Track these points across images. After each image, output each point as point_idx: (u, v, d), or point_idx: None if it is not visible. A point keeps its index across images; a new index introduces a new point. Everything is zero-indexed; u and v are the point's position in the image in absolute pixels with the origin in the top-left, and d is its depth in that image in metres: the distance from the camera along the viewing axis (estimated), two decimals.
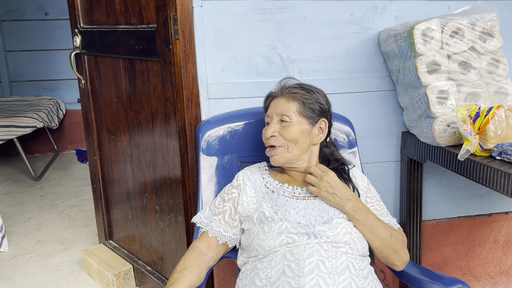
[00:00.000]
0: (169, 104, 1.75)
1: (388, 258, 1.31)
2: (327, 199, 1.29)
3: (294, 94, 1.36)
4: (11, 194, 3.53)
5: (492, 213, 2.03)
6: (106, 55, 2.08)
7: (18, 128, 3.69)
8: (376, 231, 1.27)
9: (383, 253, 1.30)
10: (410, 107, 1.67)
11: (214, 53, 1.65)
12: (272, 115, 1.37)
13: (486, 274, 2.08)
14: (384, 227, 1.29)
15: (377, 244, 1.28)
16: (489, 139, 1.36)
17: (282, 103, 1.36)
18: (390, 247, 1.29)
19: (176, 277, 1.22)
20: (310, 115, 1.35)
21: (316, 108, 1.36)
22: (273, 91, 1.43)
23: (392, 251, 1.30)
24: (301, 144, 1.34)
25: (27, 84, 4.69)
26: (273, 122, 1.36)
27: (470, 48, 1.52)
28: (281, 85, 1.41)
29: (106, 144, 2.28)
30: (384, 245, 1.28)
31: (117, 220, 2.35)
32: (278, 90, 1.41)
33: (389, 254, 1.30)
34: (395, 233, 1.31)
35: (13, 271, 2.45)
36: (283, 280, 1.16)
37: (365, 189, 1.39)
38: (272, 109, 1.38)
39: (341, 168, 1.39)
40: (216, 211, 1.37)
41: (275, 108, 1.37)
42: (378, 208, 1.38)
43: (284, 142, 1.33)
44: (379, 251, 1.30)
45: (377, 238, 1.28)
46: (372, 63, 1.76)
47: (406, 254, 1.33)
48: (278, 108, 1.36)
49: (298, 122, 1.34)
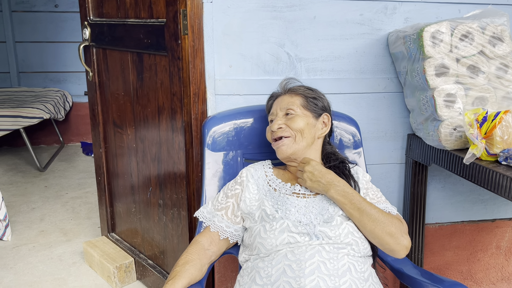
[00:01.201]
0: (175, 99, 1.75)
1: (384, 243, 1.24)
2: (312, 188, 1.30)
3: (297, 89, 1.44)
4: (15, 184, 3.55)
5: (495, 218, 2.02)
6: (114, 48, 2.08)
7: (25, 118, 3.71)
8: (366, 213, 1.23)
9: (377, 237, 1.24)
10: (416, 110, 1.67)
11: (223, 49, 1.65)
12: (276, 111, 1.41)
13: (487, 279, 2.08)
14: (375, 209, 1.25)
15: (368, 226, 1.24)
16: (495, 143, 1.35)
17: (286, 99, 1.42)
18: (383, 230, 1.23)
19: (178, 271, 1.23)
20: (313, 108, 1.40)
21: (319, 103, 1.42)
22: (276, 92, 1.49)
23: (386, 234, 1.23)
24: (307, 135, 1.36)
25: (35, 75, 4.71)
26: (278, 116, 1.40)
27: (479, 52, 1.51)
28: (283, 85, 1.48)
29: (111, 137, 2.29)
30: (376, 227, 1.23)
31: (120, 213, 2.36)
32: (281, 89, 1.47)
33: (384, 237, 1.23)
34: (389, 217, 1.26)
35: (16, 260, 2.46)
36: (284, 280, 1.16)
37: (365, 183, 1.39)
38: (276, 106, 1.42)
39: (342, 165, 1.39)
40: (219, 206, 1.37)
41: (279, 104, 1.42)
42: (374, 197, 1.36)
43: (292, 133, 1.36)
44: (373, 236, 1.24)
45: (368, 221, 1.23)
46: (380, 64, 1.76)
47: (405, 239, 1.25)
48: (282, 103, 1.41)
49: (303, 114, 1.38)
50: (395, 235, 1.24)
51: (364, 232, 1.26)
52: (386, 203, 1.36)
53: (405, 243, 1.25)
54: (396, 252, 1.26)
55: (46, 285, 2.24)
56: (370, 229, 1.24)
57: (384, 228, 1.24)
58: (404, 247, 1.25)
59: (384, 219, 1.24)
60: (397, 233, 1.24)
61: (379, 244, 1.27)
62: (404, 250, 1.26)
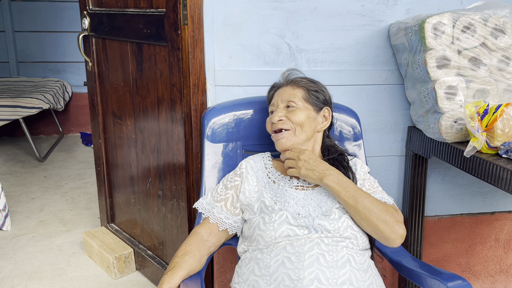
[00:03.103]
0: (175, 90, 1.74)
1: (378, 231, 1.23)
2: (307, 176, 1.28)
3: (299, 81, 1.42)
4: (15, 174, 3.55)
5: (494, 211, 2.02)
6: (114, 38, 2.07)
7: (24, 108, 3.70)
8: (360, 201, 1.22)
9: (371, 225, 1.22)
10: (417, 102, 1.66)
11: (223, 40, 1.64)
12: (277, 103, 1.40)
13: (485, 272, 2.08)
14: (369, 197, 1.24)
15: (363, 215, 1.22)
16: (496, 136, 1.35)
17: (287, 91, 1.40)
18: (377, 218, 1.21)
19: (177, 262, 1.23)
20: (315, 102, 1.39)
21: (320, 96, 1.41)
22: (278, 82, 1.47)
23: (381, 222, 1.22)
24: (307, 129, 1.36)
25: (34, 65, 4.69)
26: (279, 108, 1.39)
27: (481, 44, 1.50)
28: (286, 76, 1.46)
29: (111, 128, 2.28)
30: (370, 214, 1.21)
31: (120, 203, 2.36)
32: (283, 80, 1.45)
33: (378, 225, 1.22)
34: (384, 205, 1.25)
35: (15, 250, 2.47)
36: (282, 271, 1.16)
37: (362, 175, 1.38)
38: (277, 97, 1.41)
39: (341, 157, 1.39)
40: (218, 198, 1.37)
41: (280, 96, 1.40)
42: (370, 188, 1.35)
43: (292, 126, 1.35)
44: (368, 224, 1.23)
45: (362, 209, 1.22)
46: (381, 56, 1.75)
47: (400, 228, 1.23)
48: (284, 95, 1.39)
49: (304, 107, 1.37)
50: (390, 223, 1.22)
51: (358, 220, 1.24)
52: (383, 193, 1.35)
53: (400, 231, 1.23)
54: (391, 241, 1.24)
55: (46, 274, 2.24)
56: (365, 217, 1.22)
57: (379, 216, 1.22)
58: (399, 235, 1.23)
59: (378, 207, 1.23)
60: (392, 221, 1.23)
61: (374, 232, 1.24)
62: (399, 238, 1.24)
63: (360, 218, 1.24)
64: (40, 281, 2.19)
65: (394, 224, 1.23)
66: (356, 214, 1.24)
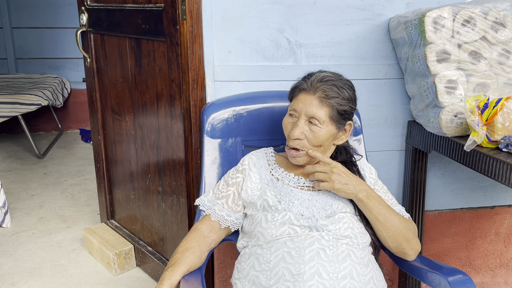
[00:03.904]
0: (174, 85, 1.74)
1: (400, 248, 1.28)
2: (341, 191, 1.24)
3: (331, 98, 1.25)
4: (14, 171, 3.54)
5: (495, 205, 2.02)
6: (112, 33, 2.06)
7: (23, 105, 3.69)
8: (389, 219, 1.25)
9: (395, 242, 1.27)
10: (417, 96, 1.65)
11: (222, 35, 1.63)
12: (301, 113, 1.27)
13: (486, 266, 2.08)
14: (396, 215, 1.27)
15: (390, 232, 1.26)
16: (496, 130, 1.34)
17: (314, 104, 1.26)
18: (402, 236, 1.26)
19: (177, 258, 1.22)
20: (340, 120, 1.29)
21: (348, 111, 1.30)
22: (304, 84, 1.29)
23: (404, 240, 1.27)
24: (324, 148, 1.31)
25: (32, 62, 4.67)
26: (300, 121, 1.27)
27: (481, 38, 1.50)
28: (316, 82, 1.27)
29: (110, 124, 2.27)
30: (398, 233, 1.26)
31: (119, 200, 2.36)
32: (311, 86, 1.27)
33: (402, 242, 1.27)
34: (406, 222, 1.29)
35: (15, 247, 2.47)
36: (283, 266, 1.15)
37: (373, 181, 1.38)
38: (302, 107, 1.27)
39: (350, 160, 1.38)
40: (220, 195, 1.36)
41: (306, 106, 1.26)
42: (387, 199, 1.36)
43: (308, 147, 1.28)
44: (392, 240, 1.27)
45: (391, 226, 1.25)
46: (380, 50, 1.74)
47: (418, 244, 1.31)
48: (310, 109, 1.26)
49: (327, 128, 1.27)
50: (411, 241, 1.29)
51: (383, 236, 1.27)
52: (398, 205, 1.38)
53: (418, 248, 1.31)
54: (409, 256, 1.32)
55: (46, 271, 2.24)
56: (392, 234, 1.26)
57: (404, 234, 1.27)
58: (416, 251, 1.32)
59: (403, 224, 1.27)
60: (413, 238, 1.29)
61: (395, 247, 1.29)
62: (416, 254, 1.32)
63: (387, 234, 1.26)
64: (41, 278, 2.19)
65: (414, 241, 1.30)
66: (383, 230, 1.26)
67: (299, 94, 1.30)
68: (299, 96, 1.30)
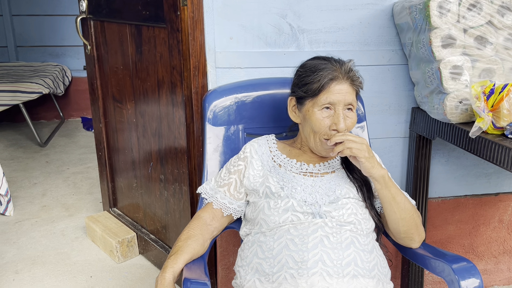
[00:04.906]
0: (175, 73, 1.72)
1: (409, 232, 1.27)
2: (367, 162, 1.19)
3: (355, 80, 1.26)
4: (16, 160, 3.54)
5: (499, 192, 2.00)
6: (112, 20, 2.03)
7: (24, 93, 3.68)
8: (404, 200, 1.24)
9: (406, 225, 1.25)
10: (421, 82, 1.63)
11: (223, 21, 1.61)
12: (339, 103, 1.23)
13: (489, 253, 2.08)
14: (407, 198, 1.27)
15: (404, 214, 1.23)
16: (502, 116, 1.32)
17: (350, 92, 1.25)
18: (413, 220, 1.25)
19: (180, 246, 1.22)
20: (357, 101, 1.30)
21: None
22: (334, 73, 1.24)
23: (414, 225, 1.26)
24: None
25: (33, 50, 4.65)
26: (340, 112, 1.23)
27: (487, 23, 1.47)
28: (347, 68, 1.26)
29: (111, 112, 2.26)
30: (410, 217, 1.24)
31: (122, 188, 2.36)
32: (344, 73, 1.25)
33: (412, 227, 1.26)
34: (415, 208, 1.28)
35: (18, 235, 2.47)
36: (286, 253, 1.15)
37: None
38: (340, 98, 1.23)
39: None
40: (222, 182, 1.36)
41: (343, 96, 1.23)
42: None
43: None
44: (403, 223, 1.24)
45: (405, 208, 1.23)
46: (384, 36, 1.71)
47: (423, 231, 1.30)
48: (347, 97, 1.24)
49: (355, 112, 1.28)
50: (419, 227, 1.28)
51: (394, 218, 1.24)
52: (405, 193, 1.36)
53: (423, 235, 1.31)
54: (414, 243, 1.30)
55: (50, 259, 2.25)
56: (403, 217, 1.24)
57: (414, 219, 1.26)
58: (422, 239, 1.31)
59: (414, 209, 1.27)
60: (420, 225, 1.29)
61: (404, 231, 1.26)
62: (421, 242, 1.31)
63: (400, 216, 1.24)
64: (44, 266, 2.20)
65: (421, 228, 1.29)
66: (397, 211, 1.23)
67: (329, 84, 1.23)
68: (330, 87, 1.23)
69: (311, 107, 1.26)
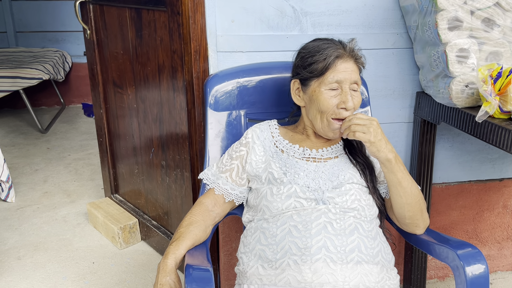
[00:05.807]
0: (176, 57, 1.69)
1: (414, 218, 1.25)
2: (374, 145, 1.16)
3: (359, 60, 1.27)
4: (18, 146, 3.53)
5: (503, 178, 1.99)
6: (112, 4, 2.00)
7: (24, 79, 3.65)
8: (411, 185, 1.22)
9: (412, 210, 1.23)
10: (427, 66, 1.60)
11: (224, 3, 1.57)
12: (345, 82, 1.22)
13: (492, 238, 2.07)
14: (414, 184, 1.24)
15: (410, 199, 1.21)
16: (509, 100, 1.29)
17: (354, 70, 1.25)
18: (419, 205, 1.24)
19: (182, 232, 1.21)
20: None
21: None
22: (338, 51, 1.23)
23: (419, 210, 1.24)
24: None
25: (32, 35, 4.60)
26: (347, 90, 1.23)
27: (495, 4, 1.43)
28: (351, 45, 1.27)
29: (112, 98, 2.24)
30: (416, 202, 1.22)
31: (123, 174, 2.35)
32: (348, 50, 1.25)
33: (417, 212, 1.24)
34: (421, 193, 1.27)
35: (20, 221, 2.47)
36: (289, 240, 1.14)
37: None
38: (346, 76, 1.22)
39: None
40: (223, 168, 1.34)
41: (349, 75, 1.23)
42: None
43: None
44: (409, 208, 1.22)
45: (411, 193, 1.21)
46: (389, 19, 1.68)
47: (427, 218, 1.29)
48: (353, 75, 1.23)
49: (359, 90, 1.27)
50: (424, 213, 1.27)
51: (401, 201, 1.22)
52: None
53: (428, 221, 1.30)
54: (418, 229, 1.29)
55: (52, 245, 2.25)
56: (410, 202, 1.22)
57: (420, 204, 1.24)
58: (426, 225, 1.30)
59: (420, 195, 1.25)
60: (425, 211, 1.27)
61: (409, 217, 1.24)
62: (425, 228, 1.30)
63: (406, 201, 1.22)
64: (46, 252, 2.20)
65: (426, 214, 1.28)
66: (403, 196, 1.21)
67: (335, 62, 1.22)
68: (337, 65, 1.22)
69: (317, 87, 1.24)
